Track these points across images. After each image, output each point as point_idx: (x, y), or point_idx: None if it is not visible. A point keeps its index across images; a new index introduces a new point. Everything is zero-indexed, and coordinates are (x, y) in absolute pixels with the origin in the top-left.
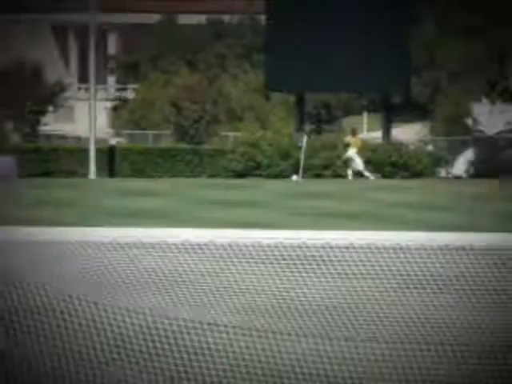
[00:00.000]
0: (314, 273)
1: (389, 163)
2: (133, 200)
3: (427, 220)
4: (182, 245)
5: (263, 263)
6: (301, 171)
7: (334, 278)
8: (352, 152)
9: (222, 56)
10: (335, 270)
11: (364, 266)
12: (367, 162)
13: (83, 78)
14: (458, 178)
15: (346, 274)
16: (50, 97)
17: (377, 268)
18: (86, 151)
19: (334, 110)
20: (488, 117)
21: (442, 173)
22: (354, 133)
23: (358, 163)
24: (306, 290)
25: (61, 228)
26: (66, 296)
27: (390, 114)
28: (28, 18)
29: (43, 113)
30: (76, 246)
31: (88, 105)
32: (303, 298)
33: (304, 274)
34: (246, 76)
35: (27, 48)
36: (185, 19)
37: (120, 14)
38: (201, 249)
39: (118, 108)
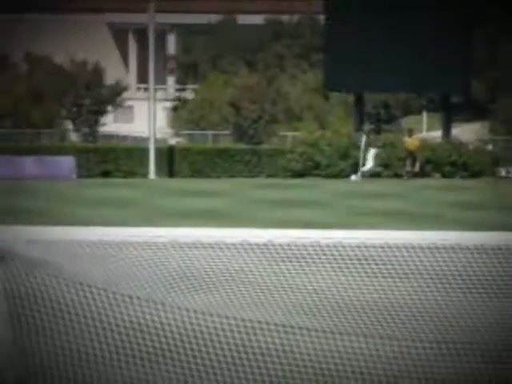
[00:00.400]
0: (373, 273)
1: (448, 163)
2: (192, 200)
3: (483, 220)
4: (241, 245)
5: (322, 263)
6: (360, 171)
7: (393, 278)
8: (371, 153)
9: (280, 56)
10: (394, 270)
11: (424, 265)
12: (427, 162)
13: (143, 78)
14: None
15: (406, 273)
16: (110, 97)
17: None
18: (144, 151)
19: (393, 110)
20: None
21: (502, 172)
22: (410, 133)
23: (368, 163)
24: (365, 290)
25: (120, 228)
26: (125, 296)
27: (450, 113)
28: (87, 19)
29: (102, 113)
30: (135, 246)
31: (147, 105)
32: (362, 298)
33: (363, 274)
34: (305, 76)
35: (88, 48)
36: (244, 19)
37: (179, 14)
38: (259, 249)
39: (178, 108)
